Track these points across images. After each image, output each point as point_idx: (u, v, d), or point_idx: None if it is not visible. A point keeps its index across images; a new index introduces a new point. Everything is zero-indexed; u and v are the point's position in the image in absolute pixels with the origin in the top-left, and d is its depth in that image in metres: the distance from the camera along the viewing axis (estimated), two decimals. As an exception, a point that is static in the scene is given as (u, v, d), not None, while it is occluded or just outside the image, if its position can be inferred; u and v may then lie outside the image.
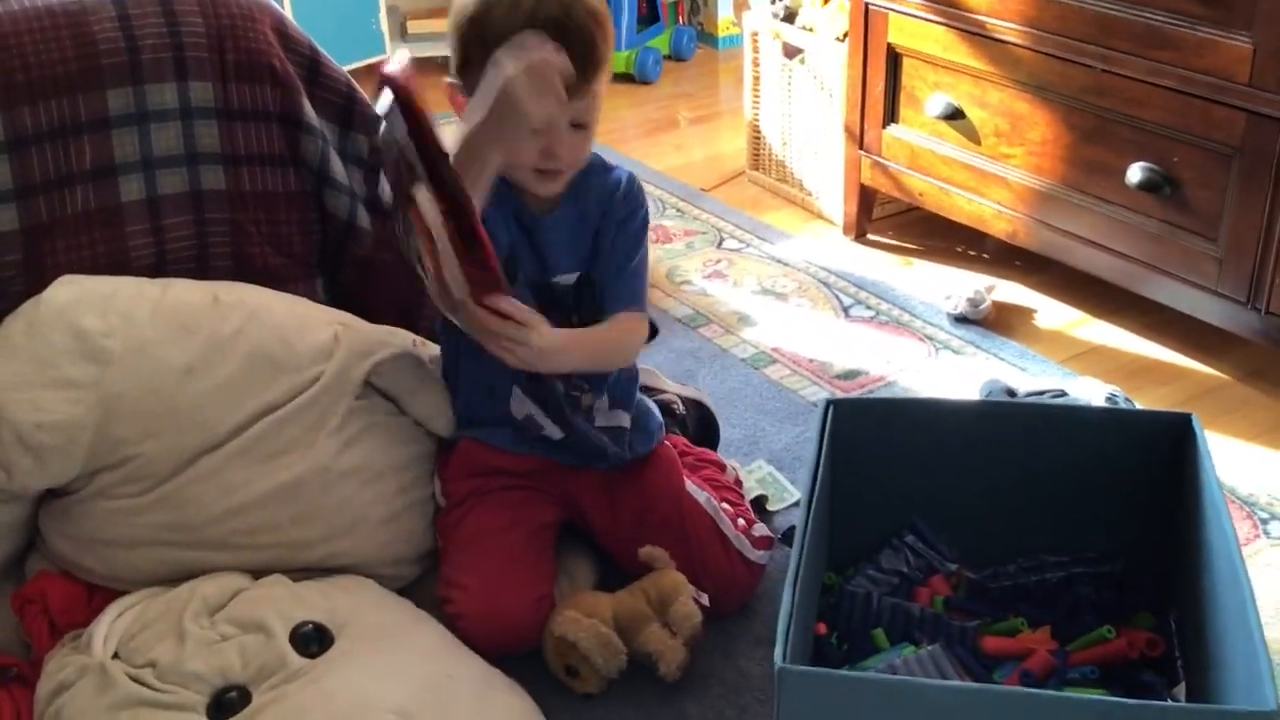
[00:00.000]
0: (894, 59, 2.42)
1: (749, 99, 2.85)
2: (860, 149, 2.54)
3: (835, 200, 2.67)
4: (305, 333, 1.57)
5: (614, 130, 3.25)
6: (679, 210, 2.81)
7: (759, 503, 1.78)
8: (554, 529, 1.63)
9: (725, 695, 1.50)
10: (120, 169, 1.61)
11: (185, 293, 1.56)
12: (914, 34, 2.35)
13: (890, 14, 2.37)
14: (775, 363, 2.21)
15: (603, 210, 1.55)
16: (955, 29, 2.26)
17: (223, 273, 1.69)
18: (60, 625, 1.47)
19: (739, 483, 1.76)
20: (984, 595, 1.51)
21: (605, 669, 1.48)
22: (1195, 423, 1.45)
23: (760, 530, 1.63)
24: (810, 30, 2.66)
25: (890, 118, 2.47)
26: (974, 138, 2.32)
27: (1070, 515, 1.53)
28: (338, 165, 1.77)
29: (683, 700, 1.49)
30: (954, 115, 2.33)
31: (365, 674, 1.35)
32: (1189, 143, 1.97)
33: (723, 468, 1.76)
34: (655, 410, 1.71)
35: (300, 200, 1.74)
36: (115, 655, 1.38)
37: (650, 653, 1.49)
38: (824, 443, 1.44)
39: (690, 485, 1.62)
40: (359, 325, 1.67)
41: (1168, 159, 2.01)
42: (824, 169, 2.70)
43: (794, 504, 1.82)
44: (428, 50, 3.65)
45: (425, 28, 3.67)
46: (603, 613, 1.50)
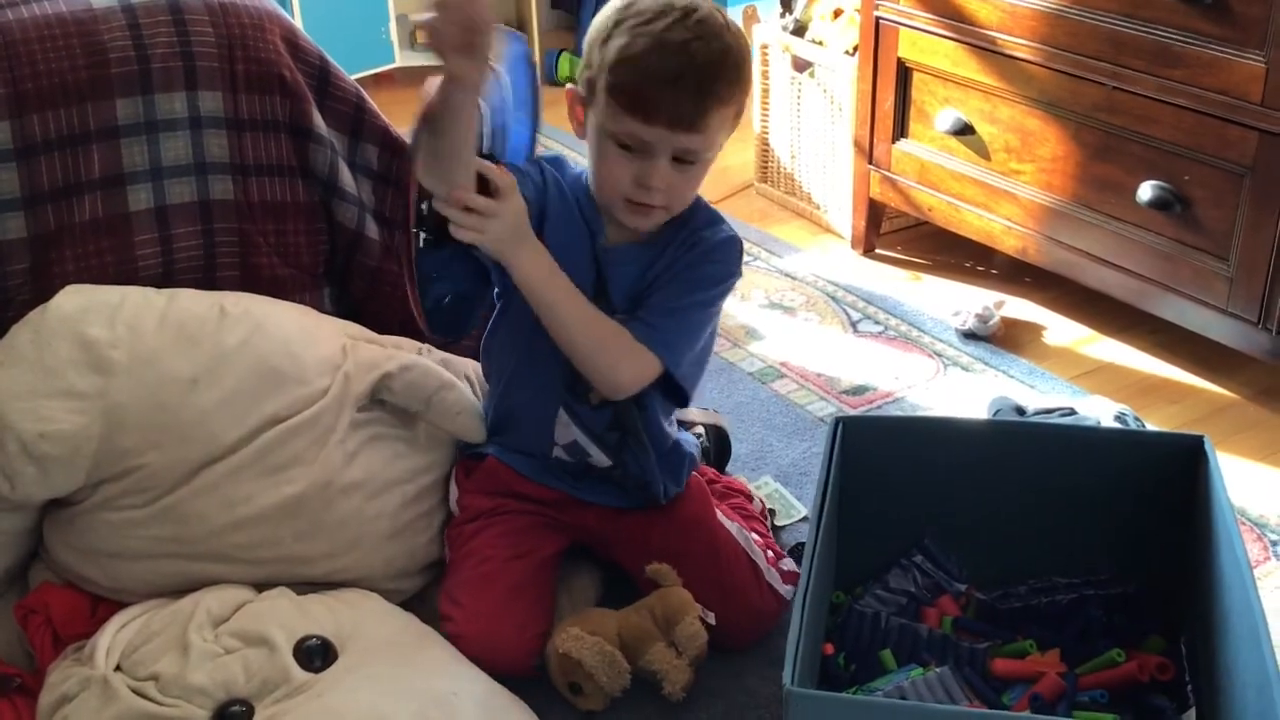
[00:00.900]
0: (904, 73, 2.41)
1: (758, 112, 2.85)
2: (869, 163, 2.53)
3: (844, 214, 2.67)
4: (311, 344, 1.56)
5: (622, 141, 3.24)
6: (687, 222, 2.80)
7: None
8: (561, 557, 1.61)
9: (730, 714, 1.49)
10: (129, 178, 1.61)
11: (191, 303, 1.55)
12: (924, 49, 2.34)
13: (901, 29, 2.37)
14: (783, 377, 2.20)
15: (682, 256, 1.49)
16: (966, 44, 2.26)
17: (230, 282, 1.68)
18: (64, 636, 1.47)
19: (764, 513, 1.74)
20: (993, 616, 1.50)
21: (609, 687, 1.47)
22: (1207, 444, 1.44)
23: (788, 565, 1.61)
24: (820, 44, 2.66)
25: (900, 132, 2.47)
26: (984, 153, 2.32)
27: (1080, 536, 1.52)
28: (347, 176, 1.77)
29: (686, 719, 1.48)
30: (964, 130, 2.33)
31: (369, 690, 1.34)
32: (1200, 161, 1.96)
33: (750, 497, 1.74)
34: (686, 443, 1.65)
35: (309, 211, 1.74)
36: (118, 667, 1.37)
37: (655, 671, 1.48)
38: (833, 460, 1.43)
39: (721, 516, 1.60)
40: (366, 337, 1.66)
41: (1179, 177, 2.01)
42: (833, 183, 2.70)
43: (801, 520, 1.81)
44: (435, 60, 3.66)
45: (434, 37, 3.66)
46: (608, 630, 1.49)
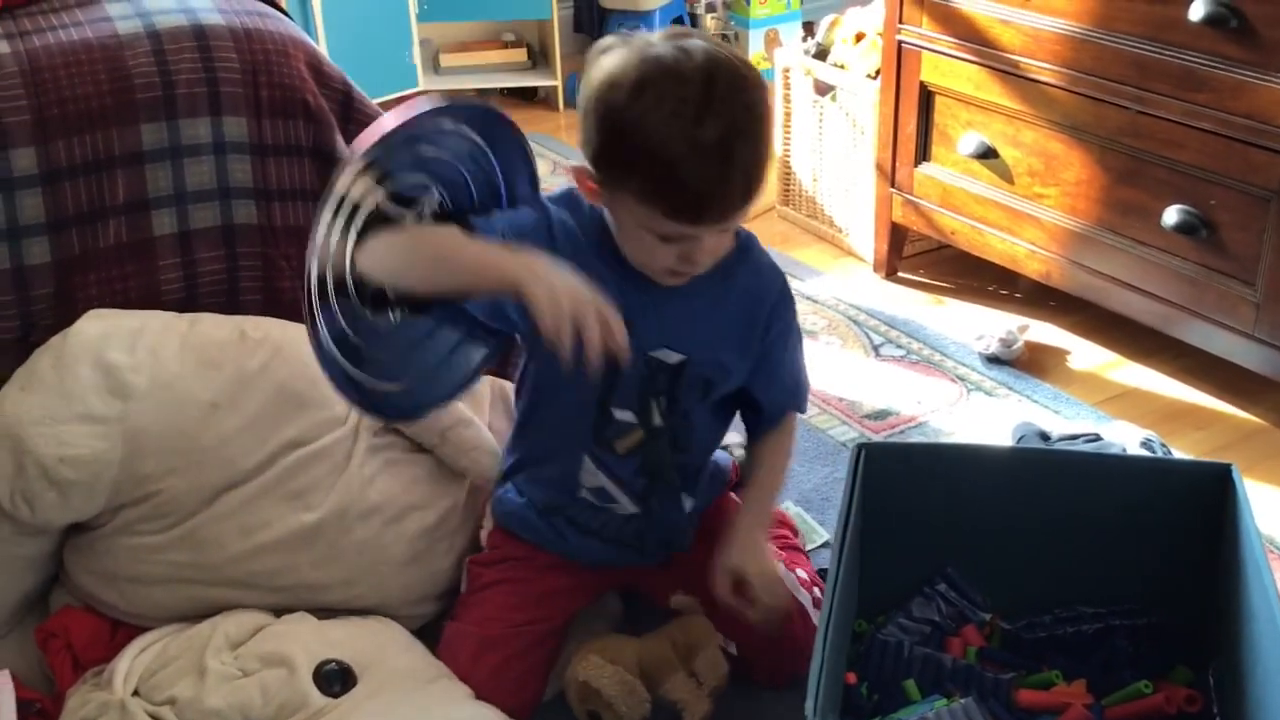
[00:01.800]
0: (927, 97, 2.40)
1: (780, 135, 2.85)
2: (892, 186, 2.53)
3: (866, 237, 2.66)
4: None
5: (644, 164, 3.25)
6: (708, 246, 2.80)
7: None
8: (573, 619, 1.55)
9: (752, 744, 1.48)
10: (153, 203, 1.62)
11: (212, 328, 1.56)
12: (947, 72, 2.34)
13: (923, 52, 2.36)
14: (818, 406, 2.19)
15: (752, 311, 1.42)
16: (989, 68, 2.25)
17: (253, 306, 1.69)
18: (83, 661, 1.47)
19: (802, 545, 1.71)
20: (1018, 646, 1.48)
21: (629, 716, 1.45)
22: (1235, 473, 1.42)
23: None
24: (842, 67, 2.66)
25: (922, 156, 2.46)
26: (1007, 177, 2.31)
27: (1107, 565, 1.50)
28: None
29: (707, 748, 1.47)
30: (987, 154, 2.32)
31: (387, 718, 1.34)
32: (1226, 185, 1.95)
33: (795, 530, 1.70)
34: (719, 460, 1.60)
35: (331, 235, 1.74)
36: (136, 692, 1.38)
37: (675, 701, 1.47)
38: (855, 487, 1.42)
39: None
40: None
41: (1204, 201, 1.99)
42: (855, 206, 2.69)
43: (822, 545, 1.79)
44: (459, 83, 3.68)
45: (457, 60, 3.68)
46: (627, 658, 1.48)
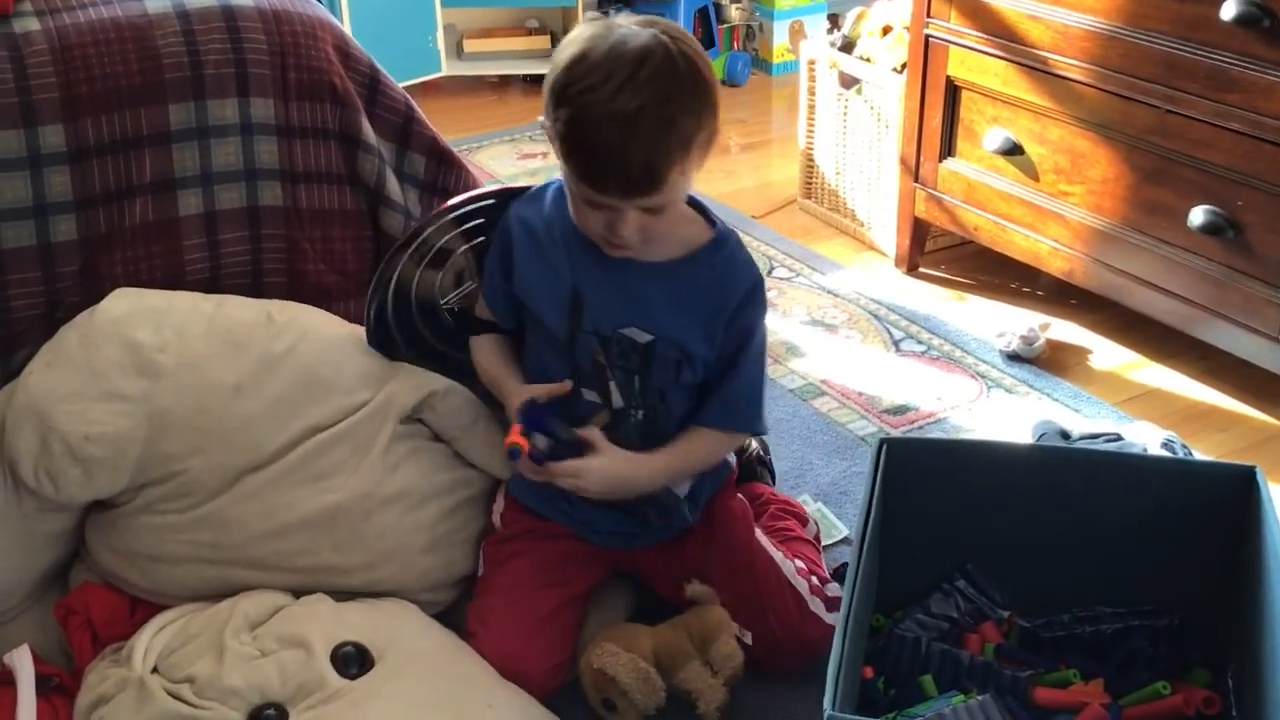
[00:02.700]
0: (953, 92, 2.39)
1: (803, 127, 2.84)
2: (915, 181, 2.52)
3: (888, 232, 2.65)
4: (357, 355, 1.56)
5: (665, 154, 3.24)
6: (729, 237, 2.79)
7: (806, 539, 1.76)
8: (593, 590, 1.59)
9: (767, 735, 1.48)
10: (179, 183, 1.62)
11: (239, 310, 1.56)
12: (974, 67, 2.32)
13: (951, 47, 2.35)
14: (824, 395, 2.18)
15: (719, 302, 1.45)
16: (1016, 64, 2.24)
17: (277, 288, 1.69)
18: (102, 637, 1.48)
19: (817, 538, 1.72)
20: (1036, 644, 1.48)
21: (643, 705, 1.46)
22: (1259, 475, 1.42)
23: (834, 590, 1.57)
24: (868, 60, 2.65)
25: (947, 151, 2.45)
26: (1033, 174, 2.29)
27: (1127, 565, 1.50)
28: (394, 184, 1.77)
29: (723, 739, 1.47)
30: (1012, 150, 2.31)
31: (405, 700, 1.34)
32: (1254, 187, 1.94)
33: (804, 520, 1.71)
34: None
35: (355, 218, 1.74)
36: (155, 669, 1.38)
37: (690, 691, 1.47)
38: (877, 482, 1.42)
39: (764, 543, 1.56)
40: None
41: (1231, 202, 1.98)
42: (877, 200, 2.68)
43: (842, 540, 1.79)
44: (482, 69, 3.68)
45: (481, 46, 3.68)
46: (642, 647, 1.48)
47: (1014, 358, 2.27)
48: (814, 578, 1.58)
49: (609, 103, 1.27)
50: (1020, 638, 1.50)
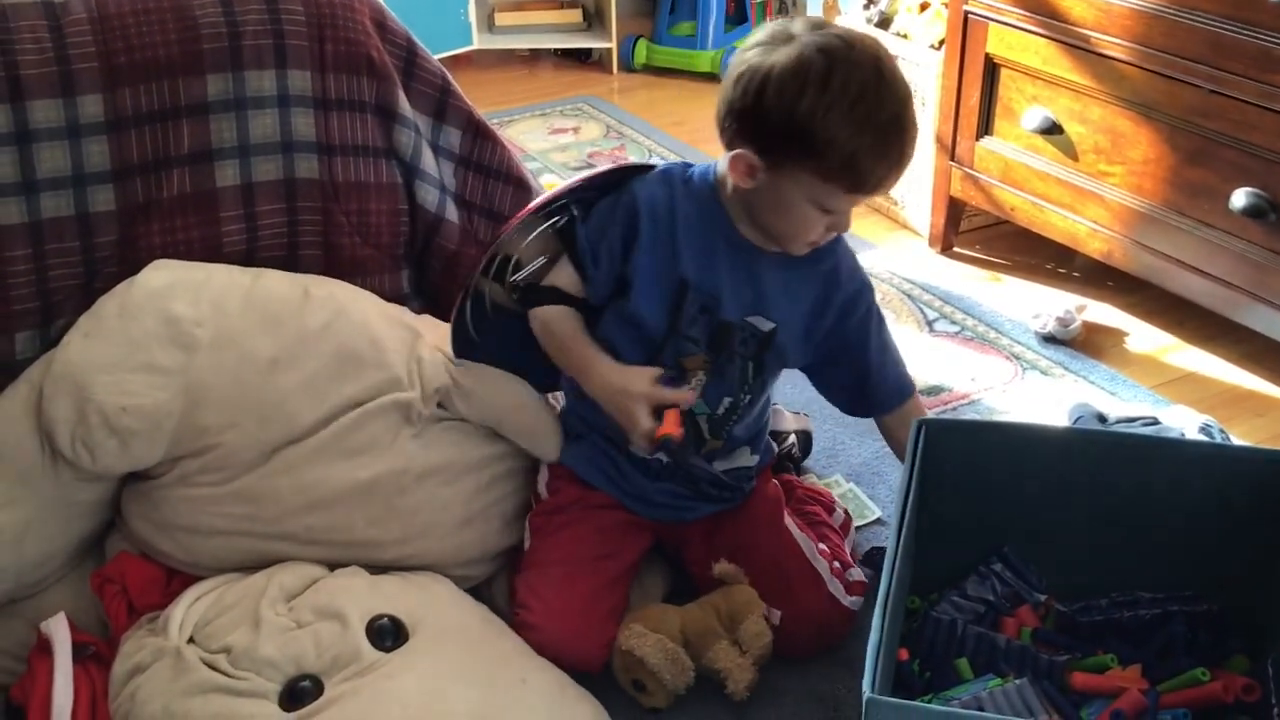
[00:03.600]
0: (991, 69, 2.37)
1: (838, 104, 2.81)
2: (951, 160, 2.49)
3: (922, 211, 2.63)
4: (392, 332, 1.56)
5: (696, 130, 3.23)
6: (761, 214, 2.78)
7: (839, 520, 1.75)
8: (640, 562, 1.60)
9: (796, 714, 1.48)
10: (216, 154, 1.61)
11: (276, 284, 1.56)
12: (1014, 45, 2.30)
13: (990, 23, 2.32)
14: (856, 374, 2.17)
15: (830, 291, 1.51)
16: (1058, 41, 2.21)
17: (312, 261, 1.68)
18: (138, 606, 1.48)
19: (846, 525, 1.72)
20: (1073, 629, 1.47)
21: (673, 685, 1.46)
22: (1302, 462, 1.40)
23: (856, 575, 1.60)
24: (905, 37, 2.62)
25: (984, 129, 2.42)
26: (1072, 154, 2.27)
27: (1166, 550, 1.49)
28: (429, 158, 1.76)
29: (752, 718, 1.47)
30: (1051, 130, 2.28)
31: (439, 674, 1.34)
32: (1299, 169, 1.91)
33: (830, 508, 1.72)
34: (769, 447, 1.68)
35: (391, 191, 1.73)
36: (191, 639, 1.39)
37: (719, 670, 1.47)
38: (916, 463, 1.41)
39: (790, 523, 1.59)
40: (443, 334, 1.66)
41: (1275, 185, 1.95)
42: (912, 179, 2.65)
43: (875, 521, 1.79)
44: (513, 43, 3.66)
45: (512, 20, 3.66)
46: (671, 627, 1.48)
47: (1049, 339, 2.26)
48: (836, 561, 1.59)
49: (876, 114, 1.33)
50: (1057, 622, 1.49)
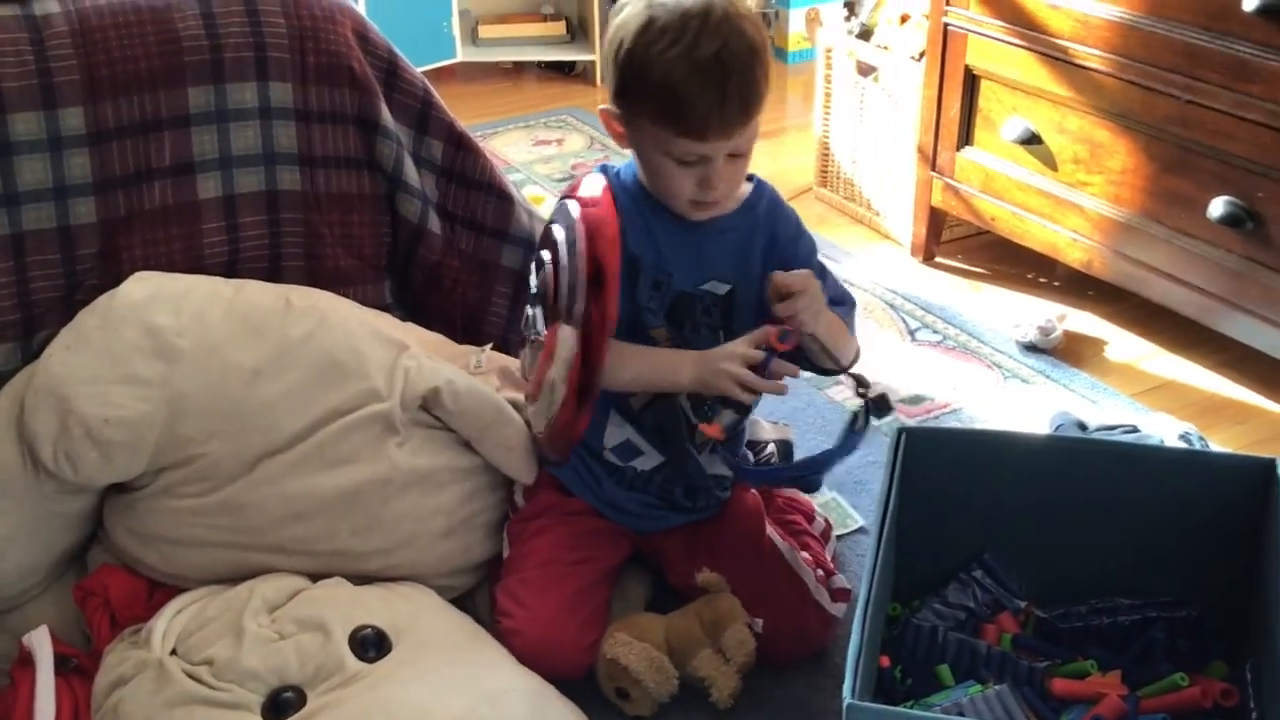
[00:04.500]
0: (971, 81, 2.38)
1: (819, 115, 2.83)
2: (932, 170, 2.51)
3: (904, 221, 2.64)
4: (374, 342, 1.56)
5: (680, 142, 3.23)
6: (744, 225, 2.79)
7: (821, 528, 1.76)
8: (619, 570, 1.61)
9: (781, 722, 1.48)
10: (198, 166, 1.62)
11: (258, 294, 1.56)
12: (993, 56, 2.31)
13: (969, 35, 2.34)
14: (839, 384, 2.18)
15: (773, 243, 1.53)
16: (1036, 53, 2.23)
17: (294, 272, 1.69)
18: (121, 619, 1.48)
19: (826, 533, 1.73)
20: (1053, 635, 1.48)
21: (657, 693, 1.46)
22: (1279, 468, 1.41)
23: (839, 582, 1.60)
24: (885, 49, 2.64)
25: (965, 140, 2.44)
26: (1051, 164, 2.29)
27: (1144, 557, 1.50)
28: (411, 169, 1.77)
29: (737, 726, 1.48)
30: (1031, 140, 2.30)
31: (422, 684, 1.34)
32: (1275, 178, 1.93)
33: (810, 516, 1.72)
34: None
35: (373, 203, 1.74)
36: (173, 651, 1.39)
37: (703, 678, 1.47)
38: (896, 471, 1.42)
39: (772, 532, 1.59)
40: (432, 342, 1.66)
41: (1252, 194, 1.97)
42: (893, 189, 2.67)
43: (858, 530, 1.79)
44: (497, 55, 3.67)
45: (496, 32, 3.67)
46: (655, 635, 1.49)
47: (1030, 348, 2.27)
48: (819, 569, 1.59)
49: (693, 51, 1.35)
50: (1037, 628, 1.50)
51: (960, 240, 2.67)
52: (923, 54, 2.49)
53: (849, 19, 2.77)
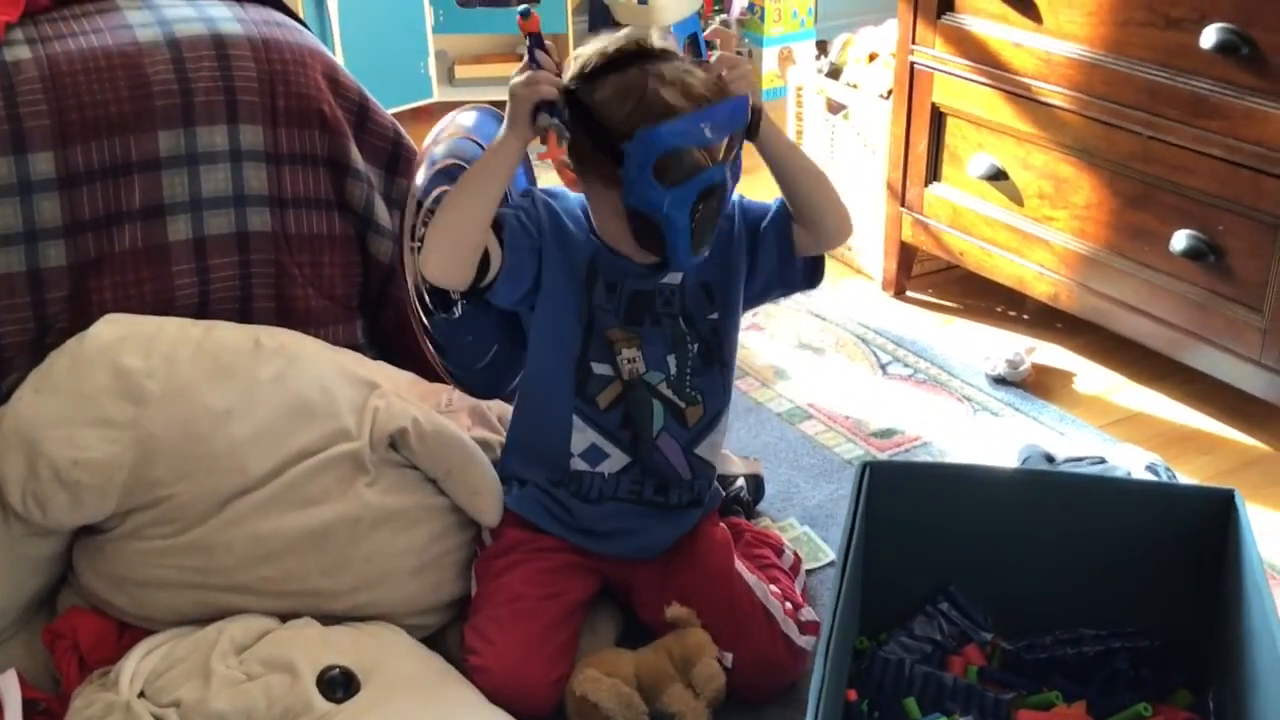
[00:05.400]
0: (938, 118, 2.41)
1: (791, 152, 2.86)
2: (902, 206, 2.54)
3: (875, 256, 2.67)
4: (345, 381, 1.57)
5: (655, 179, 3.26)
6: (718, 261, 2.81)
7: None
8: (588, 605, 1.61)
9: (751, 758, 1.48)
10: (169, 209, 1.63)
11: (227, 335, 1.57)
12: (958, 94, 2.35)
13: (936, 74, 2.37)
14: (811, 418, 2.20)
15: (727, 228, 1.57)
16: (1000, 90, 2.26)
17: (266, 313, 1.70)
18: (89, 662, 1.48)
19: (795, 567, 1.74)
20: (1019, 666, 1.49)
21: (626, 729, 1.46)
22: (1238, 498, 1.43)
23: (808, 615, 1.61)
24: (854, 87, 2.67)
25: (933, 176, 2.47)
26: (1017, 199, 2.32)
27: (1109, 588, 1.51)
28: (382, 209, 1.79)
29: (707, 761, 1.48)
30: (997, 176, 2.33)
31: (392, 723, 1.34)
32: (1235, 212, 1.96)
33: (779, 550, 1.73)
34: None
35: (344, 243, 1.76)
36: (141, 694, 1.38)
37: (673, 713, 1.47)
38: (859, 505, 1.43)
39: (740, 566, 1.60)
40: (404, 382, 1.67)
41: (1213, 227, 2.00)
42: (864, 224, 2.70)
43: (828, 564, 1.80)
44: (473, 95, 3.69)
45: (472, 73, 3.70)
46: (624, 671, 1.49)
47: (1000, 381, 2.29)
48: (788, 603, 1.60)
49: (648, 101, 1.39)
50: (1003, 660, 1.51)
51: (930, 275, 2.69)
52: (890, 92, 2.52)
53: (819, 58, 2.81)
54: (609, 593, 1.65)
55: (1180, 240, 2.04)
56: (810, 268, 1.61)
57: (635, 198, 1.41)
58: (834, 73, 2.74)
